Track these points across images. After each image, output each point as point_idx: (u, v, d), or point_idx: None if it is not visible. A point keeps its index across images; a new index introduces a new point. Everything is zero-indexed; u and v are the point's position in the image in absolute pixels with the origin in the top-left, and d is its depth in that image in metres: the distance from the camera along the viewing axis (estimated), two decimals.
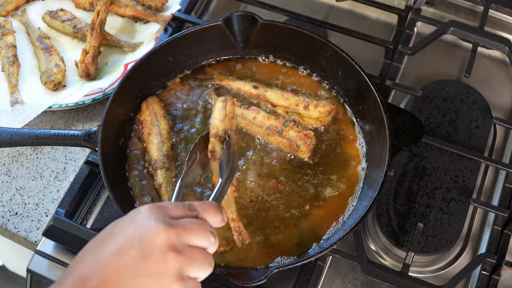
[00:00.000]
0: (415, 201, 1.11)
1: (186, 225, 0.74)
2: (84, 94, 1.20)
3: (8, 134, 1.06)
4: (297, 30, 1.12)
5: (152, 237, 0.72)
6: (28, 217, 1.11)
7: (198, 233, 0.75)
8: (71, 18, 1.30)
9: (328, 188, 1.05)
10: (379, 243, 1.09)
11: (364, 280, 1.05)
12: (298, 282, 1.01)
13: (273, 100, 1.12)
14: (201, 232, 0.76)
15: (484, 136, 1.19)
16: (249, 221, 1.01)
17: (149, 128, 1.08)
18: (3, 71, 1.23)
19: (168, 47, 1.12)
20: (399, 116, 1.05)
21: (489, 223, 1.11)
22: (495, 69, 1.30)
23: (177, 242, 0.72)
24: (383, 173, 0.98)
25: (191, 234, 0.74)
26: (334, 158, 1.08)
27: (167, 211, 0.75)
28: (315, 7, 1.38)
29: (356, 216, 0.98)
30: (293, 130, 1.07)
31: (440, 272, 1.08)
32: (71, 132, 1.05)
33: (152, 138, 1.07)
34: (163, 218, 0.73)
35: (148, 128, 1.08)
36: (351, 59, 1.08)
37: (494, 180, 1.16)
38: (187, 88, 1.16)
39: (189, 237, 0.74)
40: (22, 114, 1.17)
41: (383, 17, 1.35)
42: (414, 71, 1.28)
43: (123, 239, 0.72)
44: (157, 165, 1.05)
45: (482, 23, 1.27)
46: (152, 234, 0.72)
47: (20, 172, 1.16)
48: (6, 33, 1.26)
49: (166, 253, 0.71)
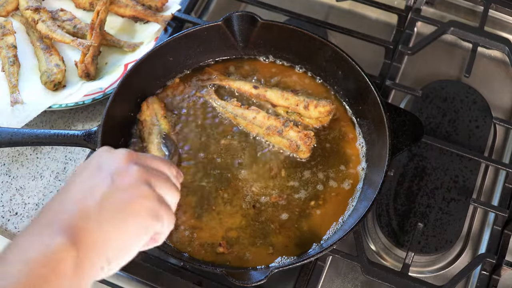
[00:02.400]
0: (415, 201, 1.11)
1: (145, 155, 0.80)
2: (84, 94, 1.20)
3: (8, 134, 1.06)
4: (297, 30, 1.12)
5: (113, 158, 0.76)
6: (28, 217, 1.11)
7: (158, 160, 0.81)
8: (71, 18, 1.29)
9: (328, 188, 1.05)
10: (379, 243, 1.09)
11: (364, 280, 1.05)
12: (298, 282, 1.01)
13: (273, 100, 1.12)
14: (160, 160, 0.82)
15: (484, 136, 1.18)
16: (249, 221, 1.02)
17: (149, 128, 1.08)
18: (3, 71, 1.23)
19: (168, 47, 1.12)
20: (399, 116, 1.05)
21: (489, 223, 1.11)
22: (495, 69, 1.30)
23: (139, 160, 0.77)
24: (383, 173, 0.98)
25: (151, 159, 0.80)
26: (334, 158, 1.08)
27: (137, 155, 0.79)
28: (315, 7, 1.38)
29: (356, 216, 0.98)
30: (293, 130, 1.07)
31: (440, 272, 1.08)
32: (71, 132, 1.05)
33: (152, 138, 1.07)
34: (132, 156, 0.78)
35: (149, 128, 1.08)
36: (351, 59, 1.08)
37: (494, 180, 1.16)
38: (187, 88, 1.16)
39: (150, 160, 0.79)
40: (22, 114, 1.17)
41: (383, 17, 1.35)
42: (414, 71, 1.28)
43: (85, 174, 0.75)
44: None
45: (482, 23, 1.27)
46: (113, 156, 0.77)
47: (20, 172, 1.16)
48: (6, 33, 1.26)
49: (129, 167, 0.75)
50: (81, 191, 0.72)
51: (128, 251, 0.73)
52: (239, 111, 1.11)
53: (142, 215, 0.73)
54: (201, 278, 1.01)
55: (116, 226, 0.70)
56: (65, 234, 0.67)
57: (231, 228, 1.01)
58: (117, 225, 0.70)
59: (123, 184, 0.73)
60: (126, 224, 0.71)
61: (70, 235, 0.67)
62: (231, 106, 1.12)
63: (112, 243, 0.70)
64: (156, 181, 0.76)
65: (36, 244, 0.66)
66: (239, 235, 1.00)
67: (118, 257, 0.71)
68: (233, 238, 1.00)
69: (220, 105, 1.13)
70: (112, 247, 0.70)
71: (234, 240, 1.00)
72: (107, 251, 0.69)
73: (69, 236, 0.67)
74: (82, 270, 0.66)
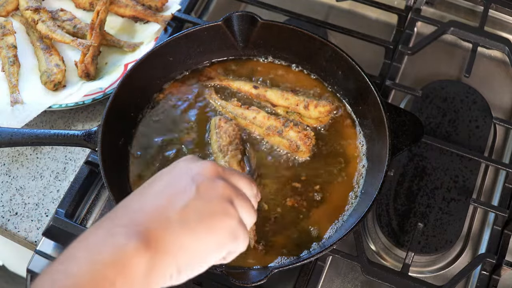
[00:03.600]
0: (415, 201, 1.11)
1: (230, 170, 0.78)
2: (84, 94, 1.20)
3: (8, 134, 1.06)
4: (297, 30, 1.12)
5: (200, 168, 0.74)
6: (28, 217, 1.11)
7: (242, 178, 0.78)
8: (71, 18, 1.30)
9: (328, 188, 1.05)
10: (379, 243, 1.09)
11: (364, 280, 1.05)
12: (298, 282, 1.01)
13: (273, 100, 1.12)
14: (245, 178, 0.79)
15: (484, 136, 1.18)
16: None
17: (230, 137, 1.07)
18: (3, 71, 1.23)
19: (168, 47, 1.12)
20: (399, 116, 1.05)
21: (489, 223, 1.11)
22: (495, 69, 1.30)
23: (224, 175, 0.75)
24: (383, 173, 0.98)
25: (236, 176, 0.77)
26: (334, 158, 1.08)
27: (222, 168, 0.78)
28: (315, 7, 1.38)
29: (356, 216, 0.98)
30: (293, 130, 1.07)
31: (440, 272, 1.08)
32: (71, 132, 1.05)
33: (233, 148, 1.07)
34: (219, 171, 0.76)
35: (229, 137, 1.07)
36: (351, 59, 1.08)
37: (494, 180, 1.16)
38: (187, 88, 1.16)
39: (235, 177, 0.77)
40: (22, 114, 1.17)
41: (383, 17, 1.35)
42: (414, 71, 1.28)
43: (169, 178, 0.73)
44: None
45: (482, 23, 1.27)
46: (199, 166, 0.74)
47: (20, 172, 1.16)
48: (6, 33, 1.26)
49: (215, 181, 0.73)
50: (164, 195, 0.70)
51: (201, 264, 0.71)
52: (239, 111, 1.11)
53: (221, 233, 0.71)
54: (201, 278, 1.01)
55: (194, 238, 0.69)
56: (141, 238, 0.65)
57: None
58: (194, 237, 0.69)
59: (208, 196, 0.71)
60: (204, 238, 0.70)
61: (146, 239, 0.65)
62: (231, 106, 1.12)
63: (187, 254, 0.68)
64: (238, 200, 0.75)
65: (108, 244, 0.64)
66: None
67: (189, 268, 0.70)
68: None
69: (221, 105, 1.13)
70: (186, 258, 0.68)
71: None
72: (179, 261, 0.68)
73: (145, 240, 0.65)
74: (152, 276, 0.65)
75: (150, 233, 0.66)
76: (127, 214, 0.69)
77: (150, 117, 1.12)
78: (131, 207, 0.70)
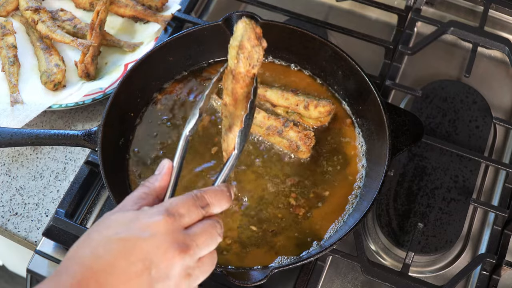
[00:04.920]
0: (415, 201, 1.11)
1: (199, 240, 0.73)
2: (84, 94, 1.20)
3: (8, 134, 1.06)
4: (297, 30, 1.12)
5: (168, 265, 0.70)
6: (28, 217, 1.11)
7: (209, 243, 0.75)
8: (71, 18, 1.30)
9: (328, 188, 1.05)
10: (379, 243, 1.09)
11: (364, 280, 1.05)
12: (298, 282, 1.01)
13: (273, 100, 1.12)
14: (213, 239, 0.75)
15: (484, 136, 1.19)
16: (249, 220, 1.02)
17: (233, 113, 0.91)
18: (4, 71, 1.23)
19: (168, 47, 1.12)
20: (399, 116, 1.05)
21: (489, 223, 1.11)
22: (495, 69, 1.30)
23: (191, 264, 0.72)
24: (383, 173, 0.98)
25: (203, 248, 0.74)
26: (334, 158, 1.08)
27: (182, 222, 0.73)
28: (315, 7, 1.38)
29: (356, 216, 0.98)
30: (293, 130, 1.07)
31: (440, 272, 1.08)
32: (71, 132, 1.05)
33: (235, 128, 0.91)
34: (178, 238, 0.71)
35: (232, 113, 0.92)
36: (351, 59, 1.08)
37: (494, 180, 1.16)
38: (187, 88, 1.16)
39: (202, 251, 0.74)
40: (22, 114, 1.17)
41: (383, 17, 1.35)
42: (414, 71, 1.28)
43: (136, 258, 0.69)
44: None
45: (482, 23, 1.27)
46: (168, 261, 0.70)
47: (20, 172, 1.16)
48: (6, 33, 1.26)
49: (181, 281, 0.71)
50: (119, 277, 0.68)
51: None
52: None
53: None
54: None
55: None
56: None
57: (231, 228, 1.01)
58: None
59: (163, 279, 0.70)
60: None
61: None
62: None
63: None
64: (196, 281, 0.74)
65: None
66: (240, 235, 1.00)
67: None
68: (234, 238, 1.00)
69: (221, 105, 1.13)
70: None
71: (235, 239, 1.00)
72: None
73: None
74: None
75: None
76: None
77: (150, 117, 1.12)
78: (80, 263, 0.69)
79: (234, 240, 1.00)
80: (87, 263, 0.68)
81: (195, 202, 0.76)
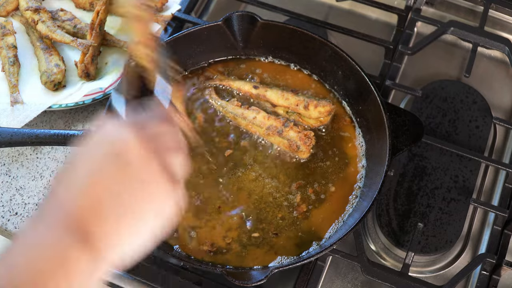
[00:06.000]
0: (415, 201, 1.11)
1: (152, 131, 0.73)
2: (84, 94, 1.19)
3: (8, 134, 1.06)
4: (297, 30, 1.12)
5: (122, 147, 0.69)
6: (28, 217, 1.11)
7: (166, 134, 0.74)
8: (71, 18, 1.29)
9: (328, 188, 1.05)
10: (379, 243, 1.09)
11: (364, 280, 1.05)
12: (298, 282, 1.01)
13: (273, 100, 1.12)
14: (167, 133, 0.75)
15: (484, 136, 1.18)
16: (249, 220, 1.02)
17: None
18: (4, 71, 1.23)
19: (168, 47, 1.12)
20: (399, 116, 1.05)
21: (489, 223, 1.11)
22: (495, 69, 1.30)
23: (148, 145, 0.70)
24: (383, 173, 0.98)
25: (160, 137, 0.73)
26: (334, 158, 1.08)
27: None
28: (315, 7, 1.38)
29: (356, 216, 0.98)
30: (293, 130, 1.07)
31: (440, 272, 1.08)
32: (71, 132, 1.05)
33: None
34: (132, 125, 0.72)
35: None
36: (351, 59, 1.08)
37: (494, 180, 1.16)
38: (187, 88, 1.16)
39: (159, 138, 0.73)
40: (22, 114, 1.17)
41: (383, 17, 1.35)
42: (414, 71, 1.28)
43: (97, 159, 0.69)
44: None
45: (482, 23, 1.27)
46: (121, 144, 0.70)
47: (20, 172, 1.16)
48: (6, 33, 1.26)
49: (145, 159, 0.69)
50: (93, 184, 0.67)
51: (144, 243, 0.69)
52: (239, 111, 1.11)
53: (157, 201, 0.69)
54: (201, 278, 1.01)
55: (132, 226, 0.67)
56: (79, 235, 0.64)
57: (231, 228, 1.01)
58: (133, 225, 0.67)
59: (140, 178, 0.69)
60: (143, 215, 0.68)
61: (84, 236, 0.64)
62: (232, 106, 1.12)
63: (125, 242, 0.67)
64: (168, 158, 0.72)
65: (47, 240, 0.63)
66: (239, 235, 1.01)
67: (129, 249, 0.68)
68: (234, 238, 1.00)
69: (221, 105, 1.13)
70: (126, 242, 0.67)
71: (234, 239, 1.00)
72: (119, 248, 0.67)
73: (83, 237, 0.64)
74: (94, 267, 0.64)
75: (84, 227, 0.65)
76: (61, 209, 0.66)
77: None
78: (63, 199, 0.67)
79: (234, 240, 1.00)
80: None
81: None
